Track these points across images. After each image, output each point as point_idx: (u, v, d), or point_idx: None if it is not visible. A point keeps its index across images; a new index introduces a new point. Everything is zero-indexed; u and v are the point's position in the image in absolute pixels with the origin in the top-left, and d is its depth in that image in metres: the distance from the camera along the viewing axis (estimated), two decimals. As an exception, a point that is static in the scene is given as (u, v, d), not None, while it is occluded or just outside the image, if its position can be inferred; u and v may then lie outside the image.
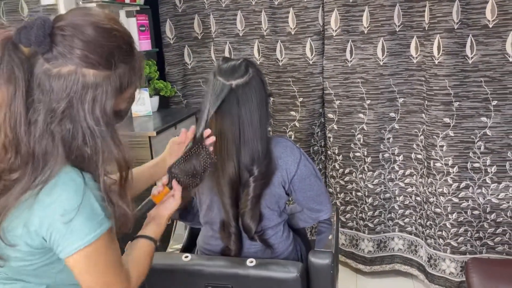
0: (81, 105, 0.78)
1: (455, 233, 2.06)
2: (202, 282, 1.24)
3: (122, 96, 0.85)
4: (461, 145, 1.98)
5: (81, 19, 0.79)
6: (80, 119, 0.79)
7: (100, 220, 0.81)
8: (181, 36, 2.42)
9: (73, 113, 0.79)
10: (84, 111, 0.79)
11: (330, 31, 2.11)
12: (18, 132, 0.77)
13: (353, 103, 2.17)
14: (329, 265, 1.24)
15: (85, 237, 0.80)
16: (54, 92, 0.77)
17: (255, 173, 1.24)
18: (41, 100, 0.78)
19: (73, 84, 0.77)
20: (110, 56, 0.79)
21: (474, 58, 1.87)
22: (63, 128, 0.79)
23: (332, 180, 2.36)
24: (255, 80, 1.25)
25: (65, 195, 0.78)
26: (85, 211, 0.79)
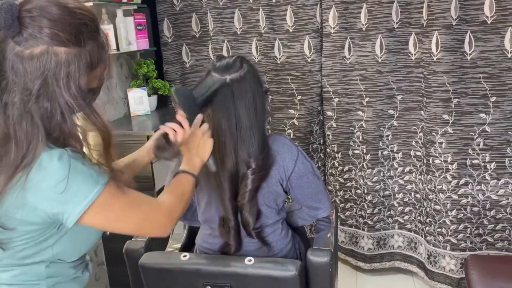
0: (56, 82, 0.80)
1: (455, 230, 2.06)
2: (201, 281, 1.24)
3: (94, 73, 0.87)
4: (460, 141, 1.97)
5: (46, 0, 0.81)
6: (57, 96, 0.81)
7: (95, 178, 0.84)
8: (179, 35, 2.41)
9: (49, 91, 0.80)
10: (60, 88, 0.80)
11: (328, 28, 2.11)
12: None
13: (351, 101, 2.17)
14: (328, 263, 1.24)
15: (85, 198, 0.83)
16: (28, 72, 0.78)
17: (252, 165, 1.25)
18: (16, 81, 0.79)
19: (46, 63, 0.79)
20: (78, 33, 0.81)
21: (473, 54, 1.86)
22: (41, 106, 0.80)
23: (332, 177, 2.36)
24: (250, 74, 1.26)
25: (52, 167, 0.81)
26: (76, 176, 0.82)
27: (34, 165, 0.80)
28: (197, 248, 1.44)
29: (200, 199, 1.37)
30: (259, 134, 1.27)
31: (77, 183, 0.82)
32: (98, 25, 0.87)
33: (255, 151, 1.25)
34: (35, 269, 0.90)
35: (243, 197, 1.27)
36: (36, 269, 0.90)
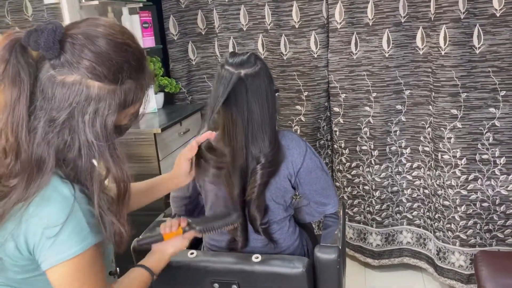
0: (82, 117, 0.77)
1: (464, 225, 2.04)
2: (208, 278, 1.24)
3: (125, 112, 0.83)
4: (469, 136, 1.95)
5: (95, 29, 0.77)
6: (79, 131, 0.77)
7: (85, 234, 0.79)
8: (184, 32, 2.41)
9: (73, 124, 0.77)
10: (84, 123, 0.77)
11: (335, 23, 2.09)
12: (19, 137, 0.76)
13: (359, 96, 2.15)
14: (336, 260, 1.23)
15: (67, 250, 0.78)
16: (56, 100, 0.76)
17: (262, 161, 1.25)
18: (43, 107, 0.76)
19: (76, 95, 0.75)
20: (118, 71, 0.77)
21: (482, 48, 1.84)
22: (60, 138, 0.78)
23: (339, 174, 2.35)
24: (263, 71, 1.27)
25: (51, 209, 0.77)
26: (70, 226, 0.77)
27: (36, 198, 0.77)
28: (205, 245, 1.45)
29: (207, 195, 1.37)
30: (270, 130, 1.27)
31: (67, 234, 0.77)
32: (144, 64, 0.83)
33: (266, 147, 1.26)
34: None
35: (251, 192, 1.27)
36: None
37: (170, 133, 2.10)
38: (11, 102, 0.76)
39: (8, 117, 0.76)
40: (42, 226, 0.76)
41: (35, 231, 0.77)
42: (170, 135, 2.11)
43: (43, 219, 0.76)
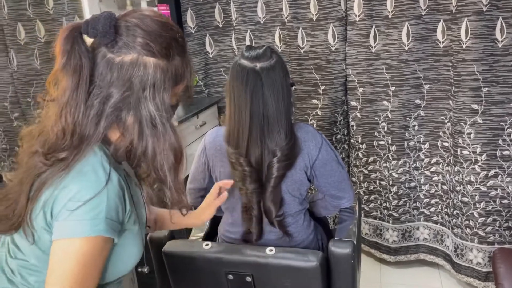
0: (142, 92, 0.82)
1: (483, 222, 2.01)
2: (223, 269, 1.25)
3: (175, 90, 0.88)
4: (489, 132, 1.91)
5: (141, 14, 0.85)
6: (141, 105, 0.83)
7: (99, 222, 0.79)
8: (202, 25, 2.41)
9: (133, 100, 0.82)
10: (145, 97, 0.82)
11: (353, 16, 2.06)
12: (77, 119, 0.82)
13: (377, 90, 2.13)
14: (350, 255, 1.23)
15: (76, 229, 0.79)
16: (117, 79, 0.81)
17: (278, 154, 1.25)
18: (102, 87, 0.82)
19: (134, 71, 0.81)
20: (168, 47, 0.83)
21: (504, 41, 1.79)
22: (117, 115, 0.83)
23: (356, 169, 2.33)
24: (279, 65, 1.27)
25: (81, 185, 0.80)
26: (90, 207, 0.79)
27: (74, 169, 0.80)
28: (220, 237, 1.46)
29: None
30: (286, 123, 1.27)
31: (84, 212, 0.79)
32: (186, 44, 0.90)
33: (282, 140, 1.26)
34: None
35: (267, 184, 1.28)
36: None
37: (187, 125, 2.11)
38: (72, 86, 0.81)
39: (68, 100, 0.81)
40: (68, 197, 0.79)
41: (61, 200, 0.80)
42: (187, 128, 2.12)
43: (71, 191, 0.79)
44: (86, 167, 0.81)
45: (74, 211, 0.78)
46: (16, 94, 2.51)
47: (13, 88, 2.50)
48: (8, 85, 2.49)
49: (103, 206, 0.80)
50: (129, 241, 0.90)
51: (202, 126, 2.24)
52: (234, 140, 1.28)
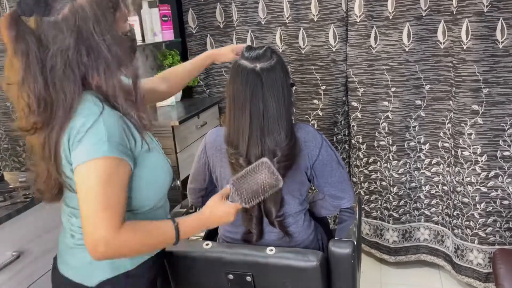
0: (88, 28, 0.89)
1: (483, 223, 2.01)
2: (223, 269, 1.25)
3: (119, 16, 0.95)
4: (490, 133, 1.91)
5: None
6: (96, 43, 0.89)
7: (103, 143, 0.88)
8: (203, 26, 2.42)
9: (84, 40, 0.89)
10: (91, 31, 0.89)
11: (354, 17, 2.07)
12: (37, 91, 0.88)
13: (377, 91, 2.13)
14: (350, 255, 1.23)
15: (83, 155, 0.88)
16: (65, 31, 0.87)
17: (278, 154, 1.25)
18: (57, 46, 0.88)
19: (76, 16, 0.88)
20: None
21: (505, 42, 1.79)
22: (80, 60, 0.89)
23: (356, 169, 2.33)
24: (279, 65, 1.27)
25: (81, 119, 0.90)
26: (92, 134, 0.88)
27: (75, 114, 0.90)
28: (220, 237, 1.46)
29: (223, 187, 1.38)
30: (286, 124, 1.27)
31: (90, 138, 0.88)
32: None
33: (282, 140, 1.26)
34: None
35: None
36: None
37: (187, 125, 2.12)
38: (24, 67, 0.88)
39: (23, 78, 0.89)
40: (74, 132, 0.89)
41: (71, 139, 0.90)
42: (187, 128, 2.13)
43: (76, 127, 0.89)
44: (82, 108, 0.90)
45: (80, 140, 0.88)
46: (17, 94, 2.52)
47: (15, 88, 2.51)
48: (10, 85, 2.50)
49: (103, 131, 0.89)
50: (151, 167, 0.99)
51: (202, 126, 2.25)
52: (234, 141, 1.28)
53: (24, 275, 1.42)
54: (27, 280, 1.43)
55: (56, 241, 1.41)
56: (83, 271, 1.01)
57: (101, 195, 0.89)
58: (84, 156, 0.88)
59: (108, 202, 0.89)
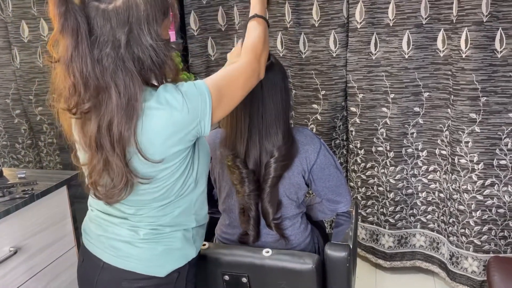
0: (140, 28, 0.90)
1: (479, 231, 2.02)
2: (219, 270, 1.26)
3: (164, 23, 0.96)
4: (487, 141, 1.93)
5: None
6: (143, 40, 0.90)
7: (200, 90, 0.97)
8: (205, 28, 2.43)
9: (135, 37, 0.90)
10: (143, 33, 0.90)
11: (355, 23, 2.08)
12: (85, 71, 0.88)
13: (376, 97, 2.15)
14: (346, 258, 1.24)
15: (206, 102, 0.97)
16: (117, 25, 0.88)
17: (275, 154, 1.26)
18: (105, 35, 0.88)
19: (129, 12, 0.88)
20: None
21: (504, 52, 1.81)
22: (131, 53, 0.90)
23: (354, 174, 2.34)
24: (277, 67, 1.29)
25: (168, 100, 0.93)
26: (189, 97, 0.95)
27: (151, 100, 0.92)
28: (217, 238, 1.47)
29: (221, 188, 1.39)
30: (284, 124, 1.29)
31: (193, 99, 0.94)
32: None
33: (279, 140, 1.27)
34: (185, 209, 1.06)
35: (265, 183, 1.29)
36: (186, 210, 1.06)
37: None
38: (73, 45, 0.87)
39: (73, 57, 0.88)
40: (176, 115, 0.93)
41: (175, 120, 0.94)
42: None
43: (172, 112, 0.93)
44: (161, 91, 0.93)
45: (190, 109, 0.94)
46: (18, 91, 2.52)
47: (15, 85, 2.51)
48: (11, 82, 2.50)
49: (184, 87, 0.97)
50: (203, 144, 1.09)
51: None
52: (231, 142, 1.29)
53: (21, 271, 1.43)
54: (23, 276, 1.43)
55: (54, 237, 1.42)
56: (154, 262, 1.05)
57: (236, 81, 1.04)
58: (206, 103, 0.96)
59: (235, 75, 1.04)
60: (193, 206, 1.08)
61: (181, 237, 1.07)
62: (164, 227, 1.05)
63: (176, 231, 1.07)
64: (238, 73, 1.04)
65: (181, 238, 1.07)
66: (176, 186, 1.02)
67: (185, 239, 1.08)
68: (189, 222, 1.09)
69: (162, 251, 1.04)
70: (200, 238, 1.16)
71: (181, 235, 1.07)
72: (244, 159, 1.28)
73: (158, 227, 1.04)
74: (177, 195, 1.03)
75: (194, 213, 1.09)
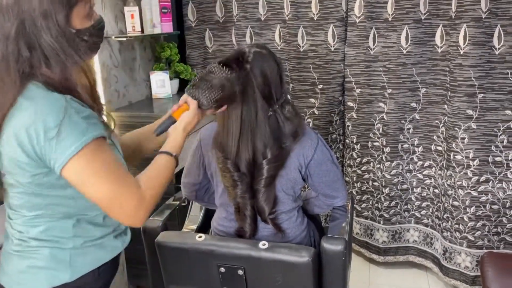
0: (34, 24, 0.81)
1: (473, 227, 2.03)
2: (215, 262, 1.26)
3: (77, 11, 0.86)
4: (483, 138, 1.93)
5: None
6: (38, 37, 0.81)
7: (83, 129, 0.83)
8: (202, 19, 2.41)
9: (27, 33, 0.81)
10: (38, 29, 0.81)
11: (354, 17, 2.08)
12: None
13: (373, 92, 2.14)
14: (342, 252, 1.24)
15: (71, 146, 0.82)
16: (5, 19, 0.80)
17: (268, 156, 1.25)
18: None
19: (19, 5, 0.80)
20: None
21: (502, 49, 1.82)
22: (18, 51, 0.81)
23: (349, 169, 2.35)
24: (272, 60, 1.29)
25: (47, 112, 0.81)
26: (68, 125, 0.82)
27: (21, 106, 0.82)
28: (213, 230, 1.46)
29: (218, 183, 1.39)
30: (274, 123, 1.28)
31: (66, 132, 0.81)
32: None
33: (270, 140, 1.26)
34: (62, 225, 0.93)
35: (258, 184, 1.28)
36: (63, 226, 0.93)
37: (183, 119, 2.11)
38: None
39: None
40: (42, 131, 0.81)
41: (37, 137, 0.82)
42: (183, 121, 2.12)
43: (41, 124, 0.81)
44: (37, 99, 0.82)
45: (57, 136, 0.81)
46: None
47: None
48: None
49: (75, 115, 0.83)
50: None
51: (198, 120, 2.24)
52: (222, 142, 1.28)
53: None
54: None
55: None
56: (18, 278, 0.94)
57: (111, 174, 0.86)
58: (71, 148, 0.82)
59: (119, 173, 0.88)
60: (70, 224, 0.94)
61: (48, 256, 0.93)
62: (31, 240, 0.93)
63: (44, 248, 0.93)
64: (121, 183, 0.88)
65: (47, 256, 0.93)
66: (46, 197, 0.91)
67: (54, 259, 0.93)
68: (65, 240, 0.94)
69: (26, 267, 0.93)
70: (91, 262, 0.97)
71: (47, 253, 0.93)
72: (234, 160, 1.27)
73: (27, 240, 0.93)
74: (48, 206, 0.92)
75: (72, 232, 0.94)
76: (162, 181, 0.99)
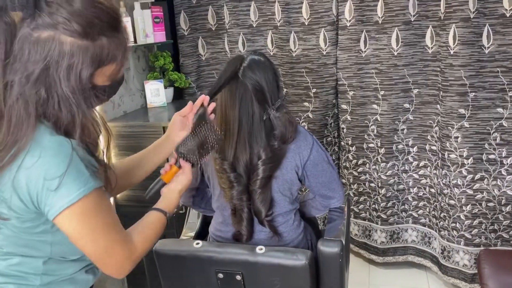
0: (56, 72, 0.80)
1: (469, 225, 2.05)
2: (213, 268, 1.27)
3: (103, 71, 0.85)
4: (476, 136, 1.95)
5: None
6: (56, 85, 0.80)
7: (85, 179, 0.82)
8: (195, 28, 2.43)
9: (48, 79, 0.80)
10: (59, 77, 0.80)
11: (344, 21, 2.10)
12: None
13: (367, 94, 2.16)
14: (338, 254, 1.25)
15: (69, 195, 0.81)
16: (32, 56, 0.79)
17: (262, 156, 1.27)
18: (20, 61, 0.79)
19: (49, 50, 0.79)
20: (89, 26, 0.80)
21: (491, 48, 1.84)
22: (37, 92, 0.80)
23: (345, 171, 2.36)
24: (268, 66, 1.32)
25: (52, 159, 0.80)
26: (71, 174, 0.80)
27: (29, 149, 0.80)
28: (210, 236, 1.47)
29: (215, 185, 1.40)
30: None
31: (67, 181, 0.80)
32: (119, 25, 0.86)
33: (264, 141, 1.28)
34: (32, 262, 0.90)
35: (254, 184, 1.30)
36: (33, 263, 0.90)
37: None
38: None
39: None
40: (42, 177, 0.79)
41: (36, 183, 0.80)
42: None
43: (44, 169, 0.80)
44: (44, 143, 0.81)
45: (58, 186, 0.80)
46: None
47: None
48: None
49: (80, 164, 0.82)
50: None
51: (194, 127, 2.25)
52: (219, 146, 1.29)
53: None
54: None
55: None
56: None
57: (105, 226, 0.86)
58: (69, 197, 0.81)
59: (113, 226, 0.88)
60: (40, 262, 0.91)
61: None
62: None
63: (8, 284, 0.90)
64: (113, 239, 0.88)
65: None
66: None
67: None
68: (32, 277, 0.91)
69: None
70: None
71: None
72: (232, 162, 1.29)
73: None
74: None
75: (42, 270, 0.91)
76: (153, 238, 1.00)
